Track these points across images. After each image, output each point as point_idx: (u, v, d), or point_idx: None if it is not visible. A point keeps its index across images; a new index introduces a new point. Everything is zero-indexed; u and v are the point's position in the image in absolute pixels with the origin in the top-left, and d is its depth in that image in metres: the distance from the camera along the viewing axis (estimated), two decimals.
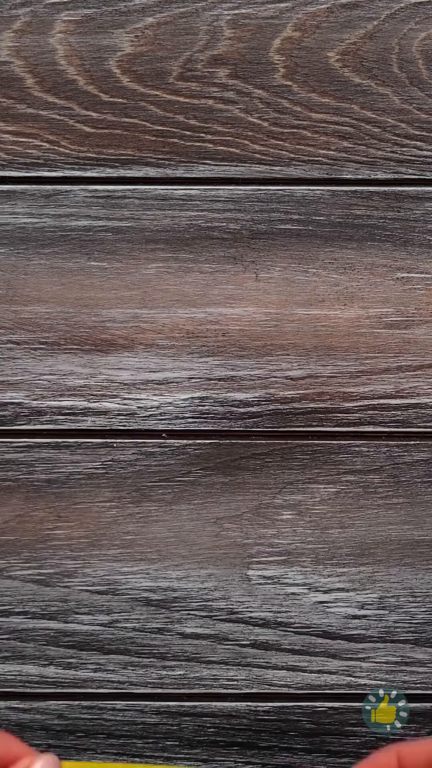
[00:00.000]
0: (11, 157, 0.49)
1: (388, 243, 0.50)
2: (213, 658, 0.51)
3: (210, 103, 0.49)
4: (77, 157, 0.49)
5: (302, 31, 0.49)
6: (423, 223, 0.49)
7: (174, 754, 0.51)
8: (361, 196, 0.49)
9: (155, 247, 0.49)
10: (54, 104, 0.49)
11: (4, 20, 0.48)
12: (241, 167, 0.49)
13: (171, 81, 0.49)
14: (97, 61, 0.49)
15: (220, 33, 0.49)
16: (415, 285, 0.50)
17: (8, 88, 0.49)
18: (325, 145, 0.49)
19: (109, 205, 0.49)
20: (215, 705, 0.51)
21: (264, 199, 0.49)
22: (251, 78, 0.49)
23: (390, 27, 0.49)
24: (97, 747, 0.51)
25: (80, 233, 0.49)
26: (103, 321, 0.49)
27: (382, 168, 0.49)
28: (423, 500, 0.51)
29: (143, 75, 0.49)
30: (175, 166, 0.49)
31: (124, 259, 0.49)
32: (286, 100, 0.49)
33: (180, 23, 0.49)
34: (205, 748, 0.51)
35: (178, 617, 0.50)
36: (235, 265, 0.49)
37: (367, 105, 0.49)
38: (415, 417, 0.50)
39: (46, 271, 0.49)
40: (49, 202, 0.49)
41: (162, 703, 0.51)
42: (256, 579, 0.51)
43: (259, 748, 0.51)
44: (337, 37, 0.49)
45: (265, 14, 0.49)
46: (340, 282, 0.50)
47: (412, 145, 0.49)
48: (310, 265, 0.49)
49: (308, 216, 0.49)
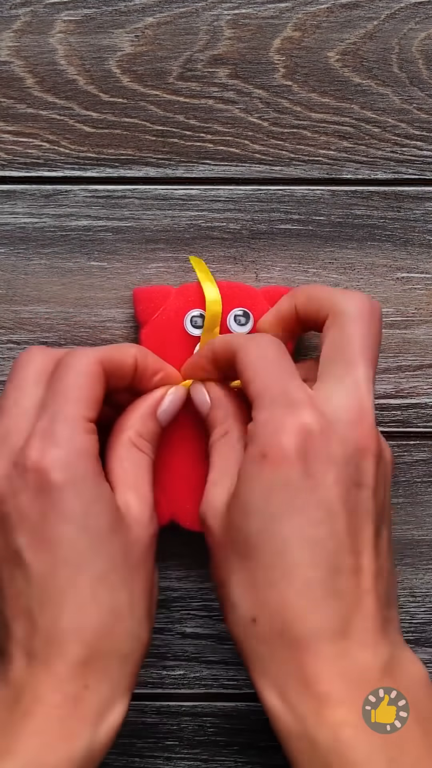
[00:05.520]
0: (11, 157, 0.49)
1: (388, 243, 0.50)
2: (213, 658, 0.51)
3: (210, 103, 0.49)
4: (77, 157, 0.49)
5: (302, 31, 0.49)
6: (423, 223, 0.49)
7: (174, 754, 0.51)
8: (361, 196, 0.49)
9: (155, 247, 0.49)
10: (54, 104, 0.49)
11: (4, 20, 0.48)
12: (241, 167, 0.49)
13: (171, 81, 0.49)
14: (97, 61, 0.49)
15: (220, 33, 0.49)
16: (415, 285, 0.50)
17: (8, 88, 0.49)
18: (325, 145, 0.49)
19: (109, 205, 0.49)
20: (215, 705, 0.51)
21: (264, 199, 0.49)
22: (251, 78, 0.49)
23: (390, 27, 0.49)
24: None
25: (80, 233, 0.49)
26: (103, 321, 0.49)
27: (382, 168, 0.49)
28: (423, 500, 0.51)
29: (143, 75, 0.49)
30: (175, 166, 0.49)
31: (124, 259, 0.49)
32: (286, 100, 0.49)
33: (180, 23, 0.49)
34: (205, 748, 0.51)
35: (178, 617, 0.50)
36: (235, 265, 0.49)
37: (367, 105, 0.49)
38: (415, 417, 0.50)
39: (46, 271, 0.49)
40: (49, 202, 0.49)
41: (162, 703, 0.51)
42: None
43: (259, 748, 0.51)
44: (337, 37, 0.49)
45: (265, 14, 0.49)
46: (340, 282, 0.50)
47: (412, 145, 0.49)
48: (310, 265, 0.49)
49: (308, 216, 0.49)
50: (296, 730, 0.38)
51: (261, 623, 0.39)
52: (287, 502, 0.39)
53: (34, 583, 0.39)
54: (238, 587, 0.40)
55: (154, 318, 0.48)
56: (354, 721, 0.37)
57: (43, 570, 0.39)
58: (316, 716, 0.38)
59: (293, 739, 0.38)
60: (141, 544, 0.41)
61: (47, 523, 0.39)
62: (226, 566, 0.41)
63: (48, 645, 0.39)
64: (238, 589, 0.40)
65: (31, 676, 0.39)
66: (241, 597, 0.40)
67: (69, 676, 0.39)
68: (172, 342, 0.47)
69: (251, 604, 0.39)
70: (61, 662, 0.39)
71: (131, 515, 0.41)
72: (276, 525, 0.39)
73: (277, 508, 0.39)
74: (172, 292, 0.48)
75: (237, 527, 0.40)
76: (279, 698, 0.39)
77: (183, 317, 0.47)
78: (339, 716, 0.37)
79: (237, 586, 0.40)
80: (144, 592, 0.41)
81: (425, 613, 0.51)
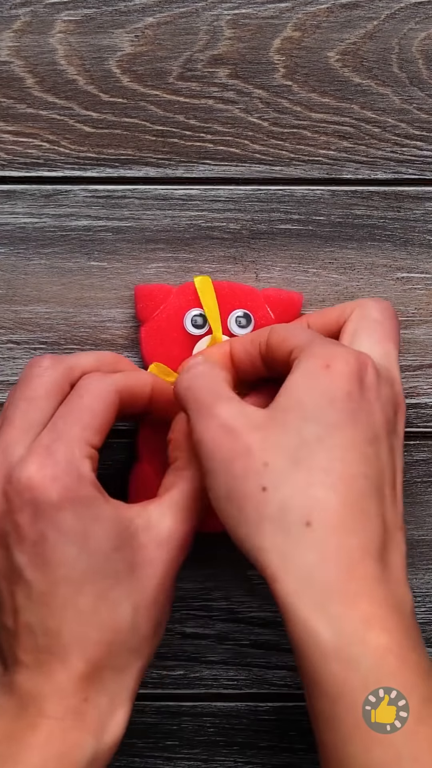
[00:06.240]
0: (11, 157, 0.49)
1: (388, 243, 0.50)
2: (213, 658, 0.51)
3: (210, 103, 0.49)
4: (77, 157, 0.49)
5: (302, 31, 0.49)
6: (423, 223, 0.49)
7: (174, 754, 0.51)
8: (361, 196, 0.49)
9: (155, 247, 0.49)
10: (54, 104, 0.49)
11: (4, 20, 0.48)
12: (241, 167, 0.49)
13: (171, 81, 0.49)
14: (97, 61, 0.49)
15: (220, 33, 0.49)
16: (415, 285, 0.50)
17: (8, 88, 0.49)
18: (325, 145, 0.49)
19: (109, 205, 0.49)
20: (215, 705, 0.51)
21: (264, 199, 0.49)
22: (251, 78, 0.49)
23: (390, 27, 0.49)
24: None
25: (80, 233, 0.49)
26: (103, 321, 0.49)
27: (382, 168, 0.49)
28: (423, 500, 0.51)
29: (143, 75, 0.49)
30: (175, 166, 0.49)
31: (124, 259, 0.49)
32: (286, 100, 0.49)
33: (180, 23, 0.49)
34: (205, 748, 0.51)
35: (178, 617, 0.50)
36: (235, 265, 0.49)
37: (367, 105, 0.49)
38: (415, 417, 0.50)
39: (46, 271, 0.49)
40: (49, 202, 0.49)
41: (162, 703, 0.51)
42: (257, 579, 0.51)
43: (259, 748, 0.51)
44: (337, 37, 0.49)
45: (265, 14, 0.49)
46: (340, 282, 0.50)
47: (412, 145, 0.49)
48: (310, 265, 0.49)
49: (308, 216, 0.49)
50: (337, 648, 0.36)
51: (317, 528, 0.38)
52: (349, 412, 0.39)
53: (35, 600, 0.40)
54: (292, 489, 0.38)
55: (154, 316, 0.48)
56: (397, 651, 0.37)
57: (44, 588, 0.39)
58: (361, 635, 0.37)
59: (332, 657, 0.36)
60: (156, 562, 0.41)
61: (47, 543, 0.39)
62: (271, 469, 0.38)
63: (50, 658, 0.39)
64: (292, 490, 0.38)
65: (35, 687, 0.39)
66: (296, 498, 0.38)
67: (71, 689, 0.39)
68: (171, 340, 0.47)
69: (308, 507, 0.38)
70: (63, 675, 0.39)
71: (151, 534, 0.41)
72: (336, 432, 0.39)
73: (338, 417, 0.39)
74: (172, 291, 0.48)
75: (292, 430, 0.39)
76: (320, 612, 0.37)
77: (183, 316, 0.47)
78: (383, 641, 0.37)
79: (290, 488, 0.38)
80: (151, 608, 0.41)
81: (425, 613, 0.51)
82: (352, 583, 0.37)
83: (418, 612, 0.51)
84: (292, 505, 0.38)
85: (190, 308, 0.47)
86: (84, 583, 0.39)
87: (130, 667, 0.41)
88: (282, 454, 0.38)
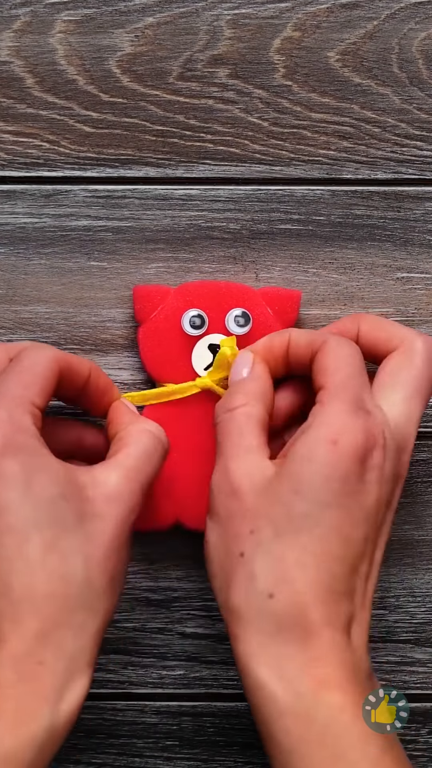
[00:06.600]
0: (11, 157, 0.49)
1: (388, 243, 0.50)
2: (213, 658, 0.51)
3: (210, 103, 0.49)
4: (77, 157, 0.49)
5: (302, 31, 0.49)
6: (423, 223, 0.49)
7: (174, 754, 0.51)
8: (361, 196, 0.49)
9: (155, 247, 0.49)
10: (54, 104, 0.49)
11: (4, 20, 0.48)
12: (241, 167, 0.49)
13: (171, 81, 0.49)
14: (97, 61, 0.49)
15: (220, 33, 0.49)
16: (415, 285, 0.50)
17: (8, 88, 0.49)
18: (325, 145, 0.49)
19: (109, 205, 0.49)
20: (215, 705, 0.51)
21: (264, 199, 0.49)
22: (251, 78, 0.49)
23: (390, 27, 0.49)
24: (97, 747, 0.51)
25: (80, 233, 0.49)
26: (103, 321, 0.49)
27: (382, 168, 0.49)
28: (423, 500, 0.51)
29: (143, 75, 0.49)
30: (175, 166, 0.49)
31: (124, 259, 0.49)
32: (286, 100, 0.49)
33: (180, 23, 0.49)
34: (205, 748, 0.51)
35: (178, 617, 0.50)
36: (235, 265, 0.49)
37: (367, 105, 0.49)
38: None
39: (46, 271, 0.49)
40: (49, 202, 0.49)
41: (162, 703, 0.51)
42: None
43: (259, 748, 0.51)
44: (337, 37, 0.49)
45: (265, 14, 0.49)
46: (340, 282, 0.50)
47: (412, 145, 0.49)
48: (310, 265, 0.49)
49: (308, 216, 0.49)
50: (292, 707, 0.38)
51: (278, 600, 0.39)
52: (342, 495, 0.40)
53: None
54: (265, 560, 0.39)
55: (152, 316, 0.48)
56: (352, 709, 0.38)
57: None
58: (315, 695, 0.38)
59: (287, 714, 0.38)
60: (106, 518, 0.40)
61: None
62: (254, 536, 0.40)
63: (1, 618, 0.38)
64: (264, 562, 0.39)
65: None
66: (265, 570, 0.39)
67: (24, 651, 0.38)
68: (169, 341, 0.47)
69: (274, 580, 0.39)
70: (15, 635, 0.38)
71: (98, 489, 0.41)
72: (325, 512, 0.39)
73: (330, 498, 0.39)
74: (170, 292, 0.48)
75: (283, 502, 0.40)
76: (276, 675, 0.38)
77: (181, 317, 0.47)
78: (338, 700, 0.38)
79: (263, 559, 0.39)
80: (104, 563, 0.40)
81: (425, 613, 0.51)
82: (309, 651, 0.39)
83: (418, 612, 0.51)
84: (260, 575, 0.39)
85: (188, 309, 0.47)
86: (30, 530, 0.39)
87: (87, 627, 0.39)
88: (268, 524, 0.40)
